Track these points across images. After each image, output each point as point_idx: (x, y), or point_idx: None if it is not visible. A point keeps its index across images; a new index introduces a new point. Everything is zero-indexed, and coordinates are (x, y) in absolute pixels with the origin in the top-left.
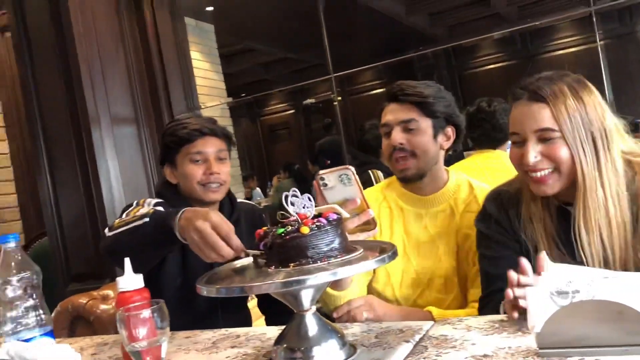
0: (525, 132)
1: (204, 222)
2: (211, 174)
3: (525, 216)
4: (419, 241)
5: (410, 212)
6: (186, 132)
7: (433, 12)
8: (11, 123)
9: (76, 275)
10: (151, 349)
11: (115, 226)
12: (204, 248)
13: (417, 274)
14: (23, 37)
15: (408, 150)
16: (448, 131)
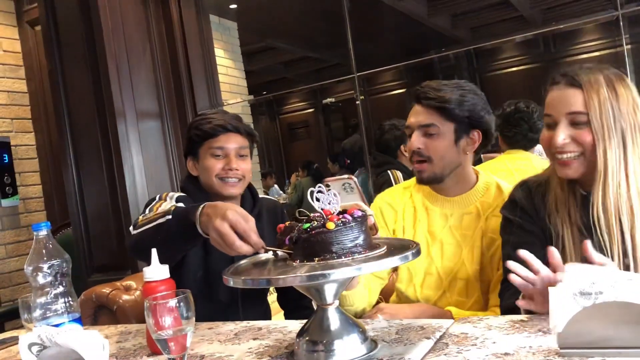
0: (557, 114)
1: (222, 222)
2: (230, 170)
3: (551, 202)
4: (443, 242)
5: (435, 213)
6: (210, 127)
7: (455, 13)
8: (38, 116)
9: (99, 266)
10: (177, 338)
11: (140, 224)
12: (224, 247)
13: (439, 275)
14: (53, 30)
15: (425, 155)
16: (473, 135)
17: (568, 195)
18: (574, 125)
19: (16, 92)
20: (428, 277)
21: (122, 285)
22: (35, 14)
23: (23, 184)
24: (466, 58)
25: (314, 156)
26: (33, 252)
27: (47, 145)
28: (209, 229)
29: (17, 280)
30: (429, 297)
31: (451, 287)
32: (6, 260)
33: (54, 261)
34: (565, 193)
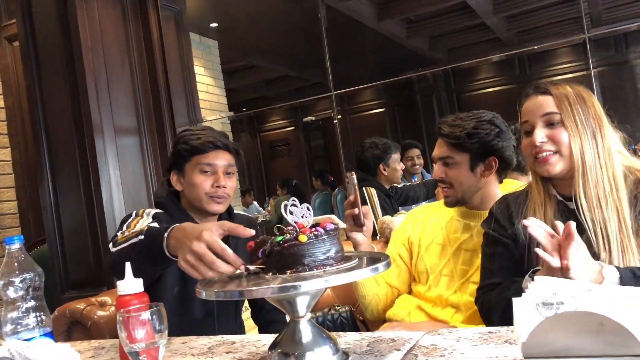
0: (533, 118)
1: (198, 244)
2: (219, 187)
3: (529, 208)
4: (462, 248)
5: (460, 223)
6: (200, 142)
7: (433, 35)
8: (15, 132)
9: (74, 283)
10: (149, 351)
11: (119, 241)
12: (200, 267)
13: (452, 274)
14: (31, 46)
15: (446, 182)
16: (489, 161)
17: (545, 199)
18: (549, 125)
19: None
20: (443, 278)
21: (97, 301)
22: (14, 29)
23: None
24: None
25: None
26: (5, 266)
27: (24, 161)
28: (184, 252)
29: None
30: (441, 294)
31: (462, 288)
32: None
33: (26, 275)
34: (542, 197)
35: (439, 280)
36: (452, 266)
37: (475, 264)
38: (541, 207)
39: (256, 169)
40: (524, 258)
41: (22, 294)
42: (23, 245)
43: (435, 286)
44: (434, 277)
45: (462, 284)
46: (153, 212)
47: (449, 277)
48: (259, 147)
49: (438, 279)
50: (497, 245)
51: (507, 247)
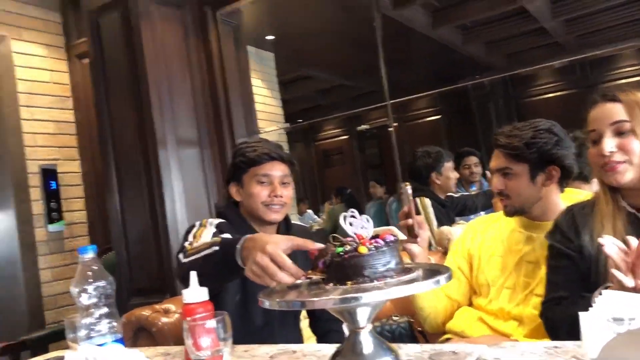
0: (601, 126)
1: (262, 256)
2: (275, 196)
3: (596, 219)
4: (524, 260)
5: (522, 235)
6: (256, 154)
7: (490, 40)
8: (84, 144)
9: (138, 290)
10: (214, 358)
11: (190, 252)
12: (264, 277)
13: (515, 287)
14: (99, 63)
15: (505, 194)
16: (550, 170)
17: (614, 210)
18: (619, 134)
19: (64, 122)
20: (505, 290)
21: (161, 308)
22: (84, 47)
23: (68, 210)
24: (501, 85)
25: (348, 182)
26: (79, 274)
27: (92, 173)
28: (248, 262)
29: (61, 302)
30: (504, 307)
31: (525, 301)
32: (52, 283)
33: (99, 283)
34: (611, 208)
35: (500, 293)
36: (514, 279)
37: (538, 276)
38: (610, 219)
39: (310, 178)
40: (590, 271)
41: (95, 301)
42: (96, 254)
43: (497, 299)
44: (496, 290)
45: (525, 297)
46: (216, 222)
47: (511, 289)
48: (313, 156)
49: (500, 291)
50: (562, 257)
51: (573, 259)
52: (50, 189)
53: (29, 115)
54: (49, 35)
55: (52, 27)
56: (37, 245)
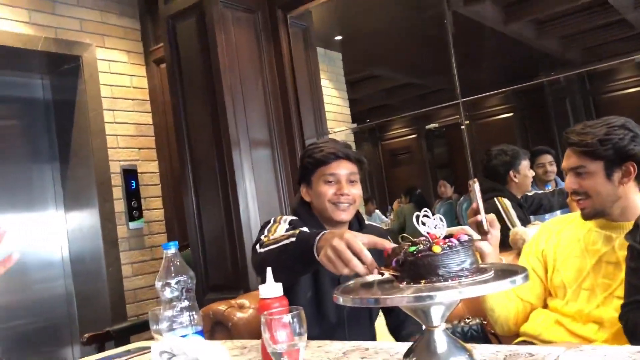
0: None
1: (339, 241)
2: (342, 195)
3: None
4: (603, 260)
5: (600, 235)
6: (322, 154)
7: (566, 34)
8: (161, 146)
9: (214, 286)
10: (290, 352)
11: (266, 243)
12: (337, 262)
13: (593, 288)
14: (176, 68)
15: (581, 193)
16: (627, 167)
17: None
18: None
19: (143, 124)
20: (583, 292)
21: (236, 303)
22: (161, 53)
23: (147, 208)
24: (578, 81)
25: (416, 182)
26: (163, 269)
27: (169, 173)
28: (325, 248)
29: (141, 297)
30: (582, 309)
31: (606, 302)
32: (132, 278)
33: (181, 277)
34: None
35: (578, 295)
36: (592, 280)
37: (619, 278)
38: None
39: (378, 177)
40: None
41: (177, 294)
42: (177, 250)
43: (575, 301)
44: (573, 292)
45: (605, 299)
46: (289, 218)
47: (590, 291)
48: (380, 156)
49: (577, 293)
50: None
51: None
52: (130, 188)
53: (112, 118)
54: (129, 42)
55: (132, 34)
56: (119, 241)
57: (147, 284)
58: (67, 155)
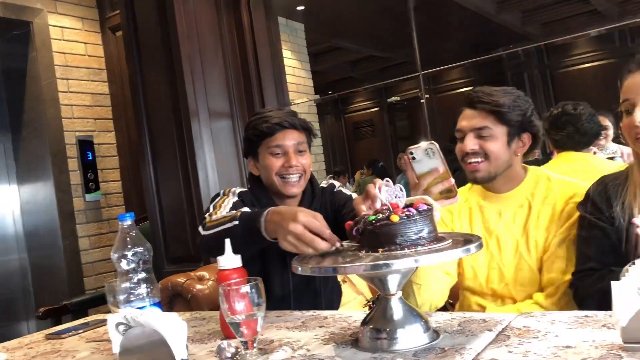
0: (634, 96)
1: (295, 225)
2: (290, 167)
3: (630, 190)
4: (500, 237)
5: (490, 210)
6: (267, 125)
7: (526, 9)
8: (118, 116)
9: (173, 258)
10: (248, 322)
11: (209, 225)
12: (301, 246)
13: (502, 269)
14: (133, 36)
15: (480, 154)
16: (524, 138)
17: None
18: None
19: (99, 93)
20: (491, 272)
21: (195, 275)
22: (117, 20)
23: (105, 180)
24: (536, 54)
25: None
26: (118, 240)
27: (127, 144)
28: (282, 234)
29: (100, 269)
30: (495, 290)
31: (515, 279)
32: (90, 251)
33: (137, 249)
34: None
35: (487, 276)
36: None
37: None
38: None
39: (341, 150)
40: (622, 241)
41: (134, 266)
42: (134, 221)
43: (486, 282)
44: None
45: (513, 275)
46: (238, 190)
47: (498, 270)
48: (343, 129)
49: (487, 275)
50: (593, 228)
51: (604, 230)
52: (87, 159)
53: (66, 87)
54: (83, 8)
55: (86, 0)
56: (75, 214)
57: (106, 257)
58: (19, 126)
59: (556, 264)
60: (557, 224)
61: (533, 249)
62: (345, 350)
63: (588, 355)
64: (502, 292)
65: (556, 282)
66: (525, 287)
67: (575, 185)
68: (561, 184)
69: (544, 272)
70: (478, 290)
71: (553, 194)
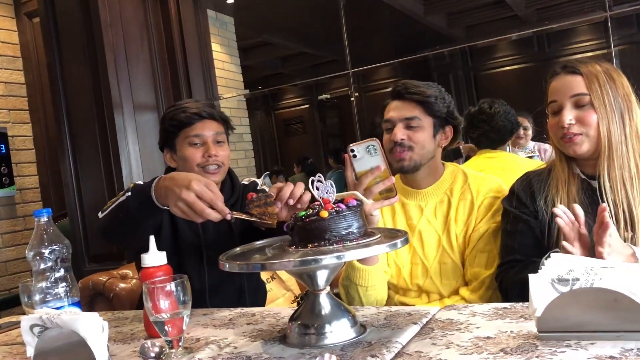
0: (562, 98)
1: (188, 192)
2: (210, 157)
3: (552, 185)
4: (423, 233)
5: (411, 206)
6: (185, 115)
7: (451, 12)
8: (35, 107)
9: (95, 256)
10: (174, 320)
11: (104, 209)
12: (190, 213)
13: (424, 263)
14: (51, 22)
15: (406, 145)
16: (447, 130)
17: (569, 177)
18: (578, 107)
19: (13, 83)
20: (414, 267)
21: (118, 273)
22: (34, 5)
23: (20, 175)
24: (461, 56)
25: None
26: (34, 238)
27: (44, 137)
28: (174, 200)
29: (12, 269)
30: (420, 286)
31: (439, 273)
32: (2, 249)
33: (55, 246)
34: (566, 175)
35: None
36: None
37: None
38: (565, 184)
39: (271, 147)
40: (544, 234)
41: (51, 264)
42: (51, 217)
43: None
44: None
45: (435, 269)
46: (141, 182)
47: (420, 265)
48: (273, 125)
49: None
50: (518, 222)
51: (528, 224)
52: (0, 153)
53: None
54: None
55: None
56: None
57: (20, 256)
58: None
59: (478, 259)
60: (475, 219)
61: (455, 243)
62: (273, 347)
63: (506, 345)
64: (427, 287)
65: (480, 276)
66: (450, 280)
67: (489, 181)
68: (476, 180)
69: (467, 267)
70: (402, 287)
71: (469, 189)
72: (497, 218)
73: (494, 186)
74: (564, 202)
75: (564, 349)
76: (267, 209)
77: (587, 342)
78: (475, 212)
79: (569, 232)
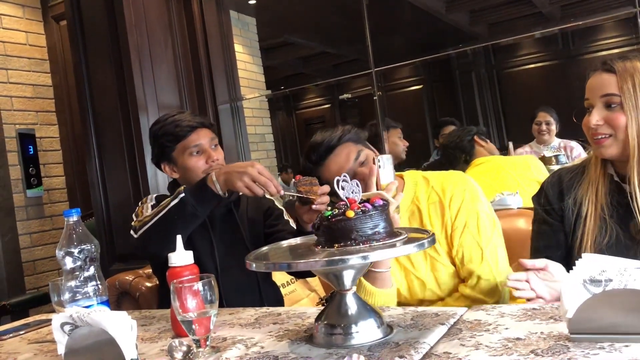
0: (593, 97)
1: (253, 168)
2: (212, 162)
3: (583, 183)
4: None
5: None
6: (180, 129)
7: (474, 9)
8: (62, 108)
9: (120, 255)
10: (201, 320)
11: (140, 225)
12: (255, 188)
13: (419, 278)
14: (77, 25)
15: None
16: None
17: (599, 177)
18: (608, 107)
19: (41, 85)
20: (411, 284)
21: (144, 273)
22: (61, 8)
23: (47, 175)
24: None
25: None
26: (64, 237)
27: (71, 138)
28: (237, 176)
29: (41, 268)
30: (422, 299)
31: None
32: (31, 249)
33: (84, 246)
34: (597, 174)
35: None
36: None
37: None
38: (594, 185)
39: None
40: (568, 235)
41: (80, 264)
42: (80, 217)
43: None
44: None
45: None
46: (155, 195)
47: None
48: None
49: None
50: (542, 223)
51: (552, 227)
52: (28, 153)
53: (5, 77)
54: None
55: None
56: (15, 210)
57: (48, 255)
58: None
59: (467, 255)
60: (450, 217)
61: (440, 249)
62: (300, 346)
63: (537, 347)
64: (429, 297)
65: (474, 271)
66: (448, 284)
67: (450, 175)
68: (438, 179)
69: (459, 266)
70: (405, 304)
71: (434, 191)
72: (471, 208)
73: (455, 179)
74: (591, 203)
75: (597, 351)
76: (312, 187)
77: (621, 344)
78: (448, 211)
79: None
